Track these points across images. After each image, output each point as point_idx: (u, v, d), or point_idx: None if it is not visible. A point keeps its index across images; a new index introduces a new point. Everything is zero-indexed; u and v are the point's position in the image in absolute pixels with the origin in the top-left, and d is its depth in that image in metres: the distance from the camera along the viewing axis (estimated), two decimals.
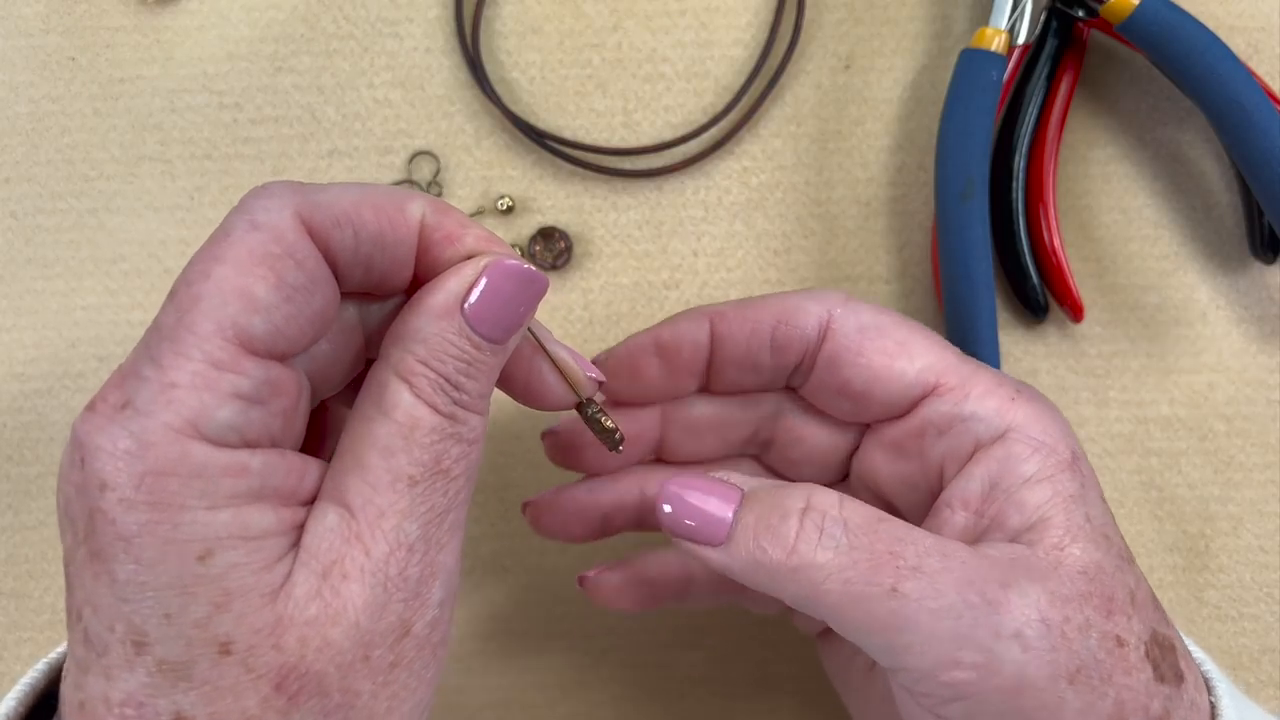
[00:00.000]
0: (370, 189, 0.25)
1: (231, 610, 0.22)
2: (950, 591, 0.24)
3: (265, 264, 0.23)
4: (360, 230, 0.24)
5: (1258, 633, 0.39)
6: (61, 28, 0.41)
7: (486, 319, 0.25)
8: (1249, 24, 0.40)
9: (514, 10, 0.41)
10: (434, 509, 0.24)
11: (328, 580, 0.23)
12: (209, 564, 0.22)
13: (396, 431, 0.24)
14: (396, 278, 0.26)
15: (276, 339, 0.23)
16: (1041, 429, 0.27)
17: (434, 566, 0.24)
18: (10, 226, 0.40)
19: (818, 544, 0.25)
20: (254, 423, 0.23)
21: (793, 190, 0.41)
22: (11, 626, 0.40)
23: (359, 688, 0.23)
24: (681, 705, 0.39)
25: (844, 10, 0.41)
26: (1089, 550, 0.26)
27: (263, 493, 0.23)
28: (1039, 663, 0.24)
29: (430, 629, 0.24)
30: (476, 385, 0.25)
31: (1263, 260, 0.39)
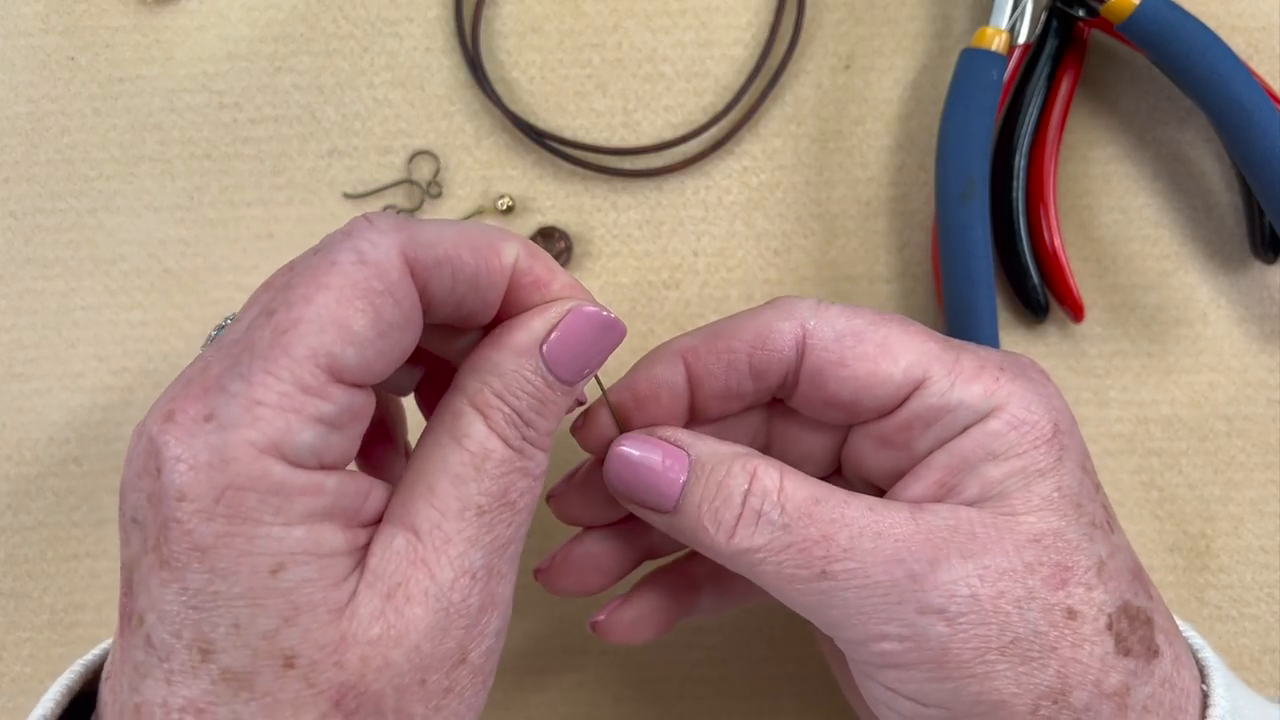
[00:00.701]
0: (469, 229, 0.26)
1: (298, 625, 0.22)
2: (878, 571, 0.25)
3: (367, 299, 0.23)
4: (458, 272, 0.25)
5: (1258, 633, 0.39)
6: (61, 27, 0.41)
7: (563, 360, 0.26)
8: (1249, 24, 0.40)
9: (514, 10, 0.41)
10: (498, 539, 0.25)
11: (391, 602, 0.24)
12: (280, 578, 0.22)
13: (469, 461, 0.25)
14: (482, 315, 0.27)
15: (365, 372, 0.24)
16: (1024, 405, 0.27)
17: (494, 596, 0.25)
18: (10, 226, 0.40)
19: (755, 529, 0.26)
20: (332, 447, 0.23)
21: (793, 190, 0.41)
22: (11, 626, 0.40)
23: (412, 711, 0.24)
24: (681, 705, 0.39)
25: (844, 10, 0.41)
26: (1048, 519, 0.26)
27: (333, 513, 0.23)
28: (964, 636, 0.25)
29: (485, 658, 0.25)
30: (545, 424, 0.26)
31: (1263, 260, 0.39)
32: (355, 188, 0.41)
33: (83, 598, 0.40)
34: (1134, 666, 0.25)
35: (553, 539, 0.40)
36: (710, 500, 0.27)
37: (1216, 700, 0.26)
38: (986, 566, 0.25)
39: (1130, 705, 0.25)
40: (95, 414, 0.40)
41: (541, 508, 0.36)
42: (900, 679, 0.26)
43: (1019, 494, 0.26)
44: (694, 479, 0.27)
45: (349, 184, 0.41)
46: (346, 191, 0.41)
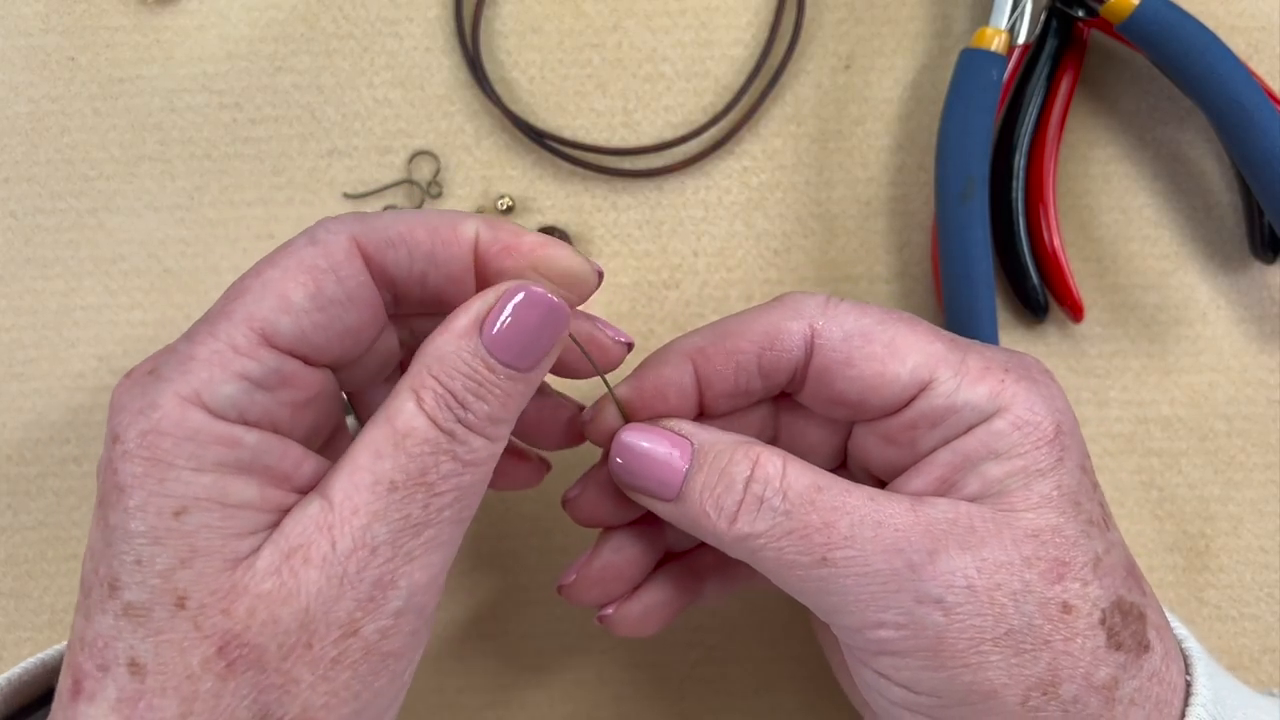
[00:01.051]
0: (427, 213, 0.27)
1: (193, 567, 0.23)
2: (877, 559, 0.25)
3: (309, 274, 0.25)
4: (414, 249, 0.26)
5: (1258, 633, 0.39)
6: (61, 27, 0.41)
7: (503, 343, 0.26)
8: (1249, 24, 0.40)
9: (514, 10, 0.41)
10: (409, 519, 0.25)
11: (289, 561, 0.24)
12: (182, 520, 0.23)
13: (389, 436, 0.25)
14: (452, 295, 0.27)
15: (299, 340, 0.25)
16: (1028, 406, 0.27)
17: (396, 575, 0.25)
18: (10, 226, 0.40)
19: (756, 515, 0.26)
20: (256, 404, 0.25)
21: (793, 190, 0.41)
22: (11, 626, 0.40)
23: (298, 674, 0.24)
24: (681, 705, 0.39)
25: (844, 10, 0.41)
26: (1046, 515, 0.26)
27: (251, 468, 0.24)
28: (960, 626, 0.25)
29: (381, 636, 0.25)
30: (485, 408, 0.26)
31: (1263, 260, 0.39)
32: (355, 188, 0.41)
33: None
34: (1124, 660, 0.26)
35: (558, 547, 0.40)
36: (712, 487, 0.27)
37: (1199, 690, 0.27)
38: (984, 559, 0.25)
39: (1117, 698, 0.26)
40: (96, 414, 0.40)
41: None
42: (894, 666, 0.26)
43: (1019, 492, 0.26)
44: (696, 466, 0.28)
45: (349, 184, 0.41)
46: (347, 192, 0.41)
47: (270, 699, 0.24)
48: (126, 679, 0.23)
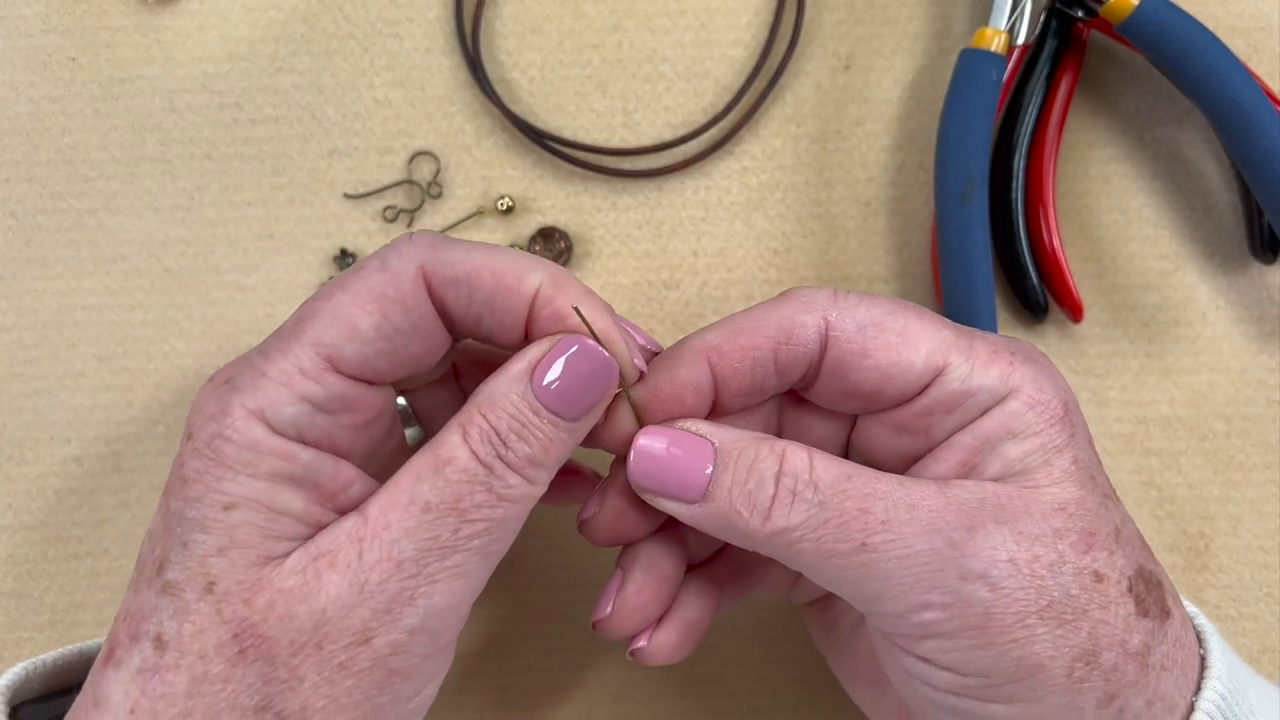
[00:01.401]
0: (498, 253, 0.28)
1: (228, 556, 0.25)
2: (917, 540, 0.25)
3: (377, 303, 0.26)
4: (475, 291, 0.27)
5: (1258, 633, 0.39)
6: (62, 28, 0.41)
7: (552, 391, 0.27)
8: (1248, 24, 0.40)
9: (514, 10, 0.41)
10: (437, 540, 0.26)
11: (315, 564, 0.25)
12: (229, 514, 0.25)
13: (431, 463, 0.26)
14: (506, 336, 0.28)
15: (363, 367, 0.27)
16: (1037, 386, 0.27)
17: (416, 593, 0.25)
18: (10, 226, 0.40)
19: (790, 508, 0.26)
20: (316, 426, 0.26)
21: (793, 190, 0.41)
22: (12, 626, 0.40)
23: (304, 672, 0.25)
24: (681, 705, 0.40)
25: (844, 10, 0.41)
26: (1069, 489, 0.27)
27: (302, 482, 0.26)
28: (1006, 600, 0.25)
29: (392, 650, 0.25)
30: (526, 449, 0.26)
31: (1262, 260, 0.39)
32: (356, 188, 0.41)
33: (83, 597, 0.40)
34: (1151, 626, 0.26)
35: (557, 547, 0.40)
36: (742, 484, 0.27)
37: (1214, 662, 0.27)
38: (1021, 532, 0.26)
39: (1150, 664, 0.26)
40: (96, 414, 0.40)
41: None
42: (941, 648, 0.26)
43: (1040, 469, 0.27)
44: (722, 465, 0.28)
45: (349, 184, 0.41)
46: (347, 192, 0.41)
47: (273, 691, 0.25)
48: (150, 651, 0.25)
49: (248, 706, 0.25)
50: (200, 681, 0.24)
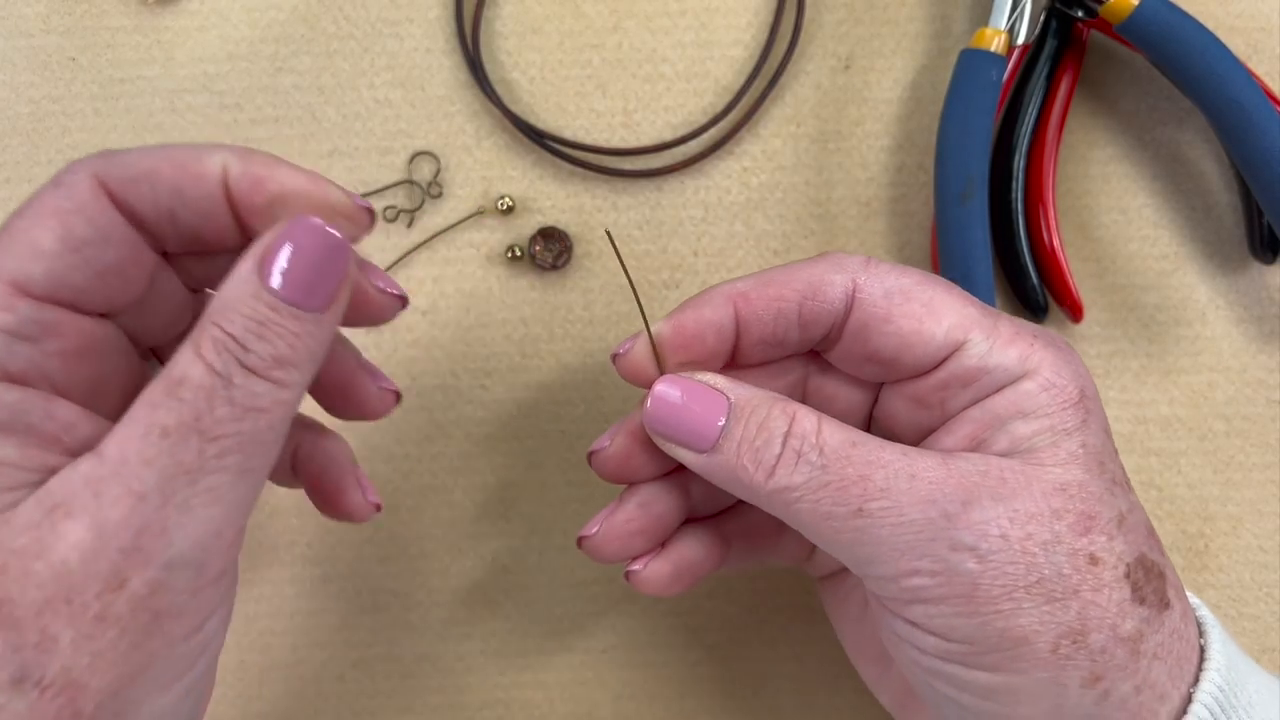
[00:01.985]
0: (173, 147, 0.26)
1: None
2: (912, 510, 0.26)
3: (55, 218, 0.24)
4: (158, 184, 0.25)
5: (1257, 633, 0.39)
6: (62, 28, 0.41)
7: (287, 282, 0.24)
8: (1248, 24, 0.40)
9: (514, 10, 0.41)
10: (181, 464, 0.23)
11: (50, 516, 0.23)
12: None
13: (164, 386, 0.24)
14: (211, 232, 0.26)
15: (57, 285, 0.24)
16: (1054, 370, 0.28)
17: (167, 523, 0.23)
18: None
19: (794, 468, 0.27)
20: (16, 357, 0.24)
21: (793, 190, 0.41)
22: None
23: (56, 632, 0.22)
24: (681, 705, 0.40)
25: (844, 10, 0.41)
26: (1073, 471, 0.27)
27: (11, 426, 0.23)
28: (993, 573, 0.26)
29: (150, 590, 0.23)
30: (269, 348, 0.24)
31: (1262, 260, 0.39)
32: (356, 188, 0.41)
33: None
34: (1147, 615, 0.26)
35: (557, 546, 0.40)
36: (751, 440, 0.28)
37: (1213, 654, 0.27)
38: (1016, 510, 0.26)
39: (1142, 651, 0.26)
40: None
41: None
42: (928, 613, 0.26)
43: (1047, 449, 0.27)
44: (734, 419, 0.28)
45: (350, 184, 0.41)
46: None
47: (27, 658, 0.22)
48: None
49: (4, 681, 0.22)
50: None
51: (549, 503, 0.40)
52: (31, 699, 0.22)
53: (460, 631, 0.40)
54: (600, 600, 0.40)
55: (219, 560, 0.24)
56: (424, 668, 0.40)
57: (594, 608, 0.40)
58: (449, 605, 0.40)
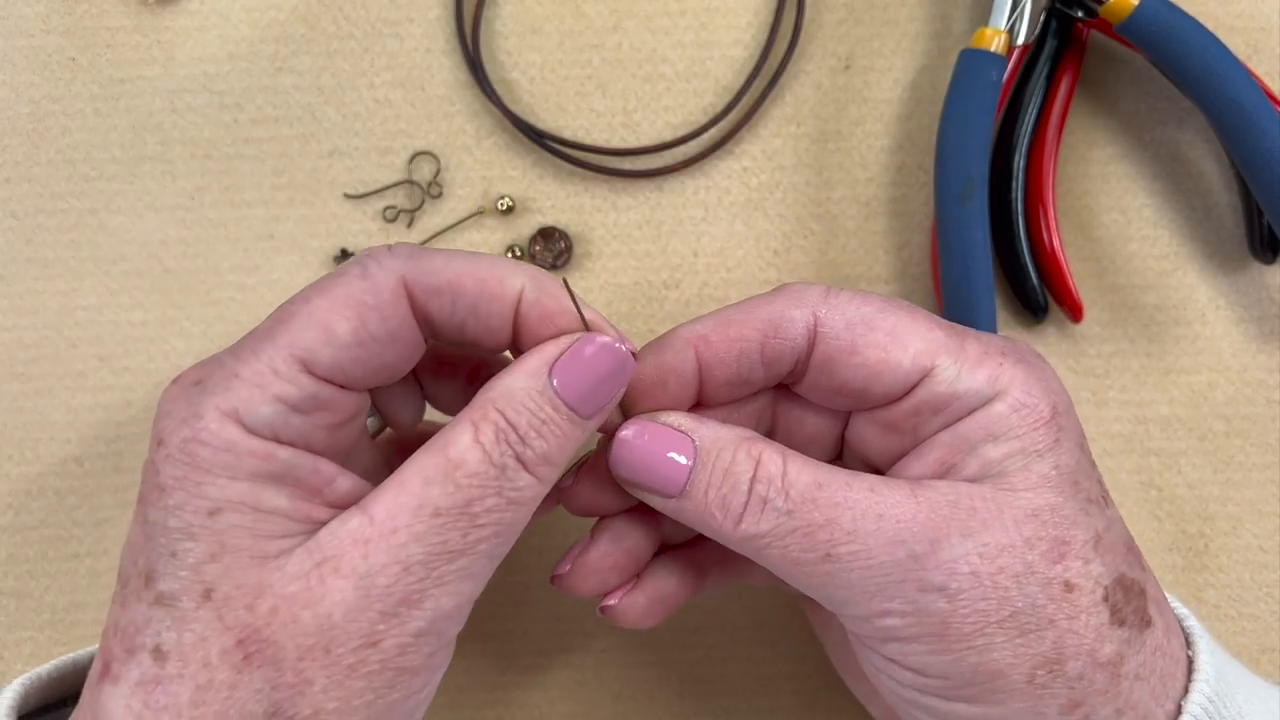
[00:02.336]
0: (479, 260, 0.28)
1: (221, 562, 0.25)
2: (880, 552, 0.26)
3: (355, 309, 0.26)
4: (459, 299, 0.27)
5: (1257, 632, 0.39)
6: (62, 28, 0.41)
7: (572, 388, 0.27)
8: (1248, 24, 0.40)
9: (514, 11, 0.41)
10: (446, 545, 0.25)
11: (319, 569, 0.25)
12: (215, 519, 0.25)
13: (441, 465, 0.26)
14: (492, 340, 0.28)
15: (336, 372, 0.26)
16: (1025, 389, 0.27)
17: (424, 596, 0.25)
18: (11, 226, 0.40)
19: (760, 515, 0.27)
20: (291, 426, 0.26)
21: (793, 190, 0.41)
22: (12, 626, 0.40)
23: (312, 676, 0.24)
24: (681, 705, 0.40)
25: (844, 10, 0.41)
26: (1045, 495, 0.26)
27: (283, 479, 0.26)
28: (964, 611, 0.25)
29: (400, 652, 0.25)
30: (544, 446, 0.26)
31: (1262, 260, 0.39)
32: (356, 188, 0.41)
33: (84, 597, 0.40)
34: (1127, 636, 0.26)
35: (557, 546, 0.40)
36: (717, 487, 0.27)
37: (1201, 665, 0.27)
38: (986, 544, 0.26)
39: (1123, 674, 0.26)
40: (96, 414, 0.40)
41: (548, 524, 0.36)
42: (902, 651, 0.26)
43: (1018, 473, 0.27)
44: (700, 465, 0.28)
45: (350, 184, 0.41)
46: (347, 192, 0.41)
47: (282, 697, 0.24)
48: (149, 663, 0.24)
49: (256, 713, 0.24)
50: (205, 690, 0.24)
51: None
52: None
53: (460, 631, 0.40)
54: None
55: (455, 629, 0.27)
56: None
57: (594, 608, 0.40)
58: None
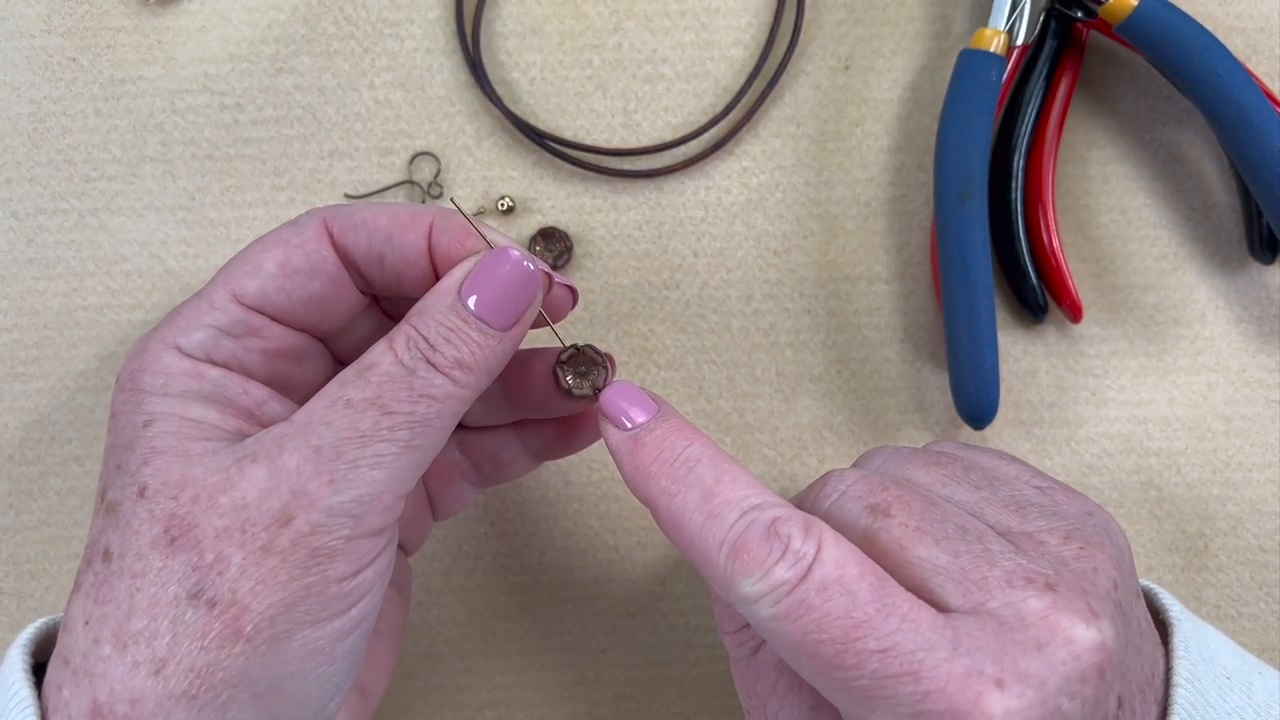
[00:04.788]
0: (395, 205, 0.30)
1: (151, 464, 0.27)
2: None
3: (280, 247, 0.29)
4: (373, 232, 0.30)
5: (1257, 632, 0.39)
6: (63, 28, 0.41)
7: (483, 299, 0.28)
8: (1247, 25, 0.40)
9: (514, 11, 0.41)
10: (356, 428, 0.27)
11: (239, 462, 0.27)
12: (148, 428, 0.27)
13: (355, 369, 0.28)
14: (412, 275, 0.30)
15: (263, 299, 0.29)
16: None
17: (335, 475, 0.26)
18: (12, 227, 0.40)
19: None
20: (223, 348, 0.29)
21: (792, 190, 0.41)
22: (14, 626, 0.40)
23: (229, 555, 0.26)
24: (681, 705, 0.40)
25: (844, 11, 0.41)
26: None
27: (213, 396, 0.28)
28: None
29: (312, 530, 0.26)
30: (454, 352, 0.28)
31: (1261, 260, 0.39)
32: (357, 188, 0.41)
33: None
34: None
35: (558, 547, 0.40)
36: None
37: (1178, 680, 0.27)
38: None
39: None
40: (98, 413, 0.40)
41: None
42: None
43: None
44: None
45: (350, 185, 0.41)
46: (348, 193, 0.41)
47: (203, 577, 0.26)
48: (100, 566, 0.27)
49: (181, 595, 0.26)
50: (138, 578, 0.26)
51: (549, 502, 0.40)
52: (202, 613, 0.26)
53: (460, 631, 0.40)
54: (600, 600, 0.40)
55: (376, 519, 0.27)
56: (424, 668, 0.40)
57: (594, 608, 0.40)
58: (449, 605, 0.40)
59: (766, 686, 0.29)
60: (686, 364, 0.40)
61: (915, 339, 0.40)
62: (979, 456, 0.30)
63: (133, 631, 0.26)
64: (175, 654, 0.26)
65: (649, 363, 0.40)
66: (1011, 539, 0.26)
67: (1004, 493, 0.28)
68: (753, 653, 0.30)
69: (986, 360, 0.36)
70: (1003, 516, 0.28)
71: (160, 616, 0.26)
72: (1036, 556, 0.26)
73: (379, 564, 0.28)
